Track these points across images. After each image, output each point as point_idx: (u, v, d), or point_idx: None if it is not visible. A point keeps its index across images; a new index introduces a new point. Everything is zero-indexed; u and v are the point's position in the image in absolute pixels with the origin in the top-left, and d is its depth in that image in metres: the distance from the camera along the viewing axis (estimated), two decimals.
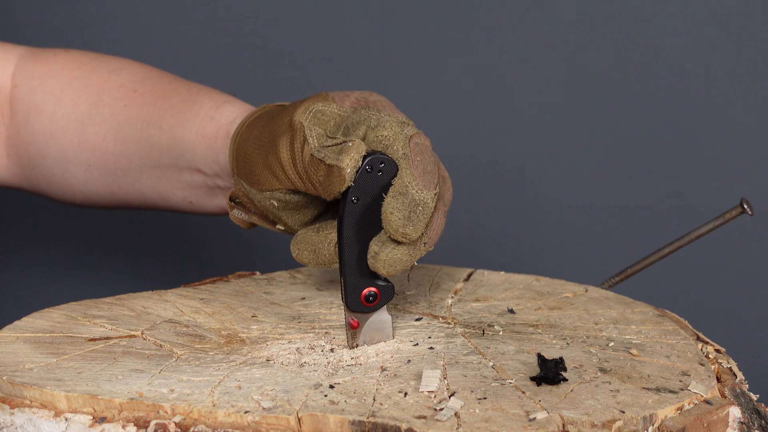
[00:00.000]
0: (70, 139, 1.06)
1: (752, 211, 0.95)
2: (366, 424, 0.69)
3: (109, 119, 1.05)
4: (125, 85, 1.06)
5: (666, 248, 0.98)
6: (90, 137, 1.05)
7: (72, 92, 1.07)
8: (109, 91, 1.06)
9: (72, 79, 1.08)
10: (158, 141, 1.01)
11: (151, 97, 1.04)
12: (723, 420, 0.74)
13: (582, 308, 0.92)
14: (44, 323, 0.86)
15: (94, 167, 1.06)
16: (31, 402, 0.73)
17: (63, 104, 1.07)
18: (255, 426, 0.70)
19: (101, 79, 1.07)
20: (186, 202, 1.04)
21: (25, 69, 1.10)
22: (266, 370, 0.78)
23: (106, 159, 1.05)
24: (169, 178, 1.02)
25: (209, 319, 0.89)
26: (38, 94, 1.08)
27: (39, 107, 1.08)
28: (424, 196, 0.81)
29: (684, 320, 0.90)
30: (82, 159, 1.06)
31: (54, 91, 1.08)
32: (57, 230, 1.61)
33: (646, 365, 0.79)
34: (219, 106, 0.99)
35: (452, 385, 0.75)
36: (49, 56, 1.10)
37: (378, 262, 0.81)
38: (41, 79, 1.08)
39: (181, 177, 1.01)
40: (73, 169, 1.07)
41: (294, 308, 0.92)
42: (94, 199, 1.09)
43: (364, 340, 0.83)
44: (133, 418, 0.71)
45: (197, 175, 1.00)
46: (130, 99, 1.05)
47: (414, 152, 0.82)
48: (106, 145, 1.05)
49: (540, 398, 0.73)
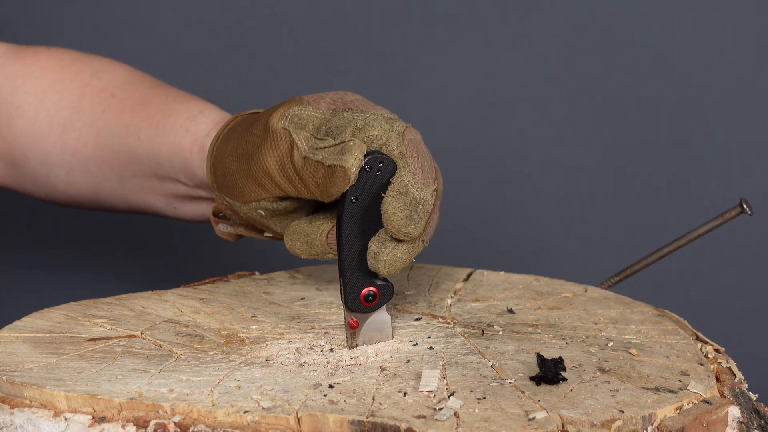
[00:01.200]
0: (53, 142, 1.06)
1: (752, 211, 0.95)
2: (365, 423, 0.69)
3: (89, 125, 1.04)
4: (105, 89, 1.05)
5: (666, 248, 0.98)
6: (71, 141, 1.05)
7: (54, 95, 1.07)
8: (90, 95, 1.05)
9: (54, 81, 1.07)
10: (136, 151, 1.00)
11: (129, 104, 1.03)
12: (722, 420, 0.74)
13: (581, 308, 0.92)
14: (44, 323, 0.86)
15: (76, 170, 1.05)
16: (31, 402, 0.73)
17: (45, 106, 1.06)
18: (254, 426, 0.70)
19: (82, 82, 1.06)
20: (170, 208, 1.03)
21: (6, 68, 1.09)
22: (266, 369, 0.78)
23: (88, 164, 1.05)
24: (152, 186, 1.02)
25: (209, 319, 0.89)
26: (20, 95, 1.07)
27: (21, 108, 1.07)
28: (424, 194, 0.80)
29: (683, 320, 0.90)
30: (64, 162, 1.06)
31: (36, 92, 1.07)
32: (57, 230, 1.61)
33: (645, 365, 0.79)
34: (194, 117, 0.97)
35: (452, 384, 0.75)
36: (30, 55, 1.09)
37: (378, 262, 0.81)
38: (23, 79, 1.08)
39: (162, 186, 1.01)
40: (56, 171, 1.06)
41: (293, 308, 0.92)
42: (78, 200, 1.08)
43: (364, 339, 0.83)
44: (133, 417, 0.71)
45: (178, 185, 0.99)
46: (108, 105, 1.04)
47: (410, 149, 0.81)
48: (87, 150, 1.04)
49: (539, 398, 0.73)
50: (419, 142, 0.82)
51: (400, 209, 0.80)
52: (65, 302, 0.90)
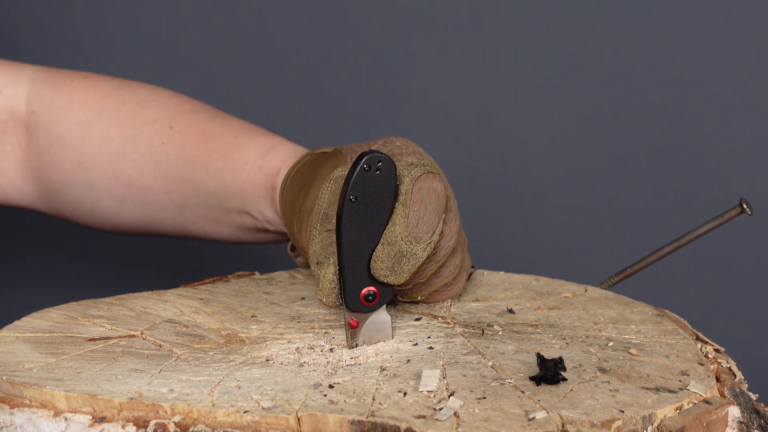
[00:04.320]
0: (102, 171, 1.04)
1: (752, 211, 0.95)
2: (365, 423, 0.69)
3: (147, 156, 1.02)
4: (159, 120, 1.03)
5: (665, 248, 0.98)
6: (126, 172, 1.03)
7: (101, 125, 1.05)
8: (143, 126, 1.04)
9: (99, 111, 1.05)
10: (204, 183, 0.99)
11: (191, 137, 1.02)
12: (722, 419, 0.74)
13: (581, 308, 0.92)
14: (44, 323, 0.86)
15: (130, 200, 1.04)
16: (31, 402, 0.73)
17: (92, 136, 1.04)
18: (254, 426, 0.70)
19: (131, 112, 1.04)
20: (234, 237, 1.02)
21: (42, 96, 1.06)
22: (266, 369, 0.78)
23: (144, 193, 1.03)
24: (215, 217, 1.01)
25: (209, 319, 0.89)
26: (62, 125, 1.05)
27: (64, 137, 1.05)
28: (413, 249, 0.81)
29: (683, 320, 0.90)
30: (116, 191, 1.04)
31: (80, 122, 1.05)
32: (57, 230, 1.61)
33: (645, 365, 0.79)
34: (266, 153, 0.98)
35: (451, 384, 0.75)
36: (67, 83, 1.07)
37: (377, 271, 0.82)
38: (64, 108, 1.05)
39: (228, 218, 1.00)
40: (106, 200, 1.05)
41: (293, 308, 0.92)
42: (125, 228, 1.07)
43: (364, 339, 0.83)
44: (133, 417, 0.71)
45: (246, 217, 0.99)
46: (167, 137, 1.02)
47: (414, 198, 0.81)
48: (144, 180, 1.02)
49: (539, 398, 0.73)
50: (430, 191, 0.81)
51: (384, 260, 0.81)
52: (65, 302, 0.90)
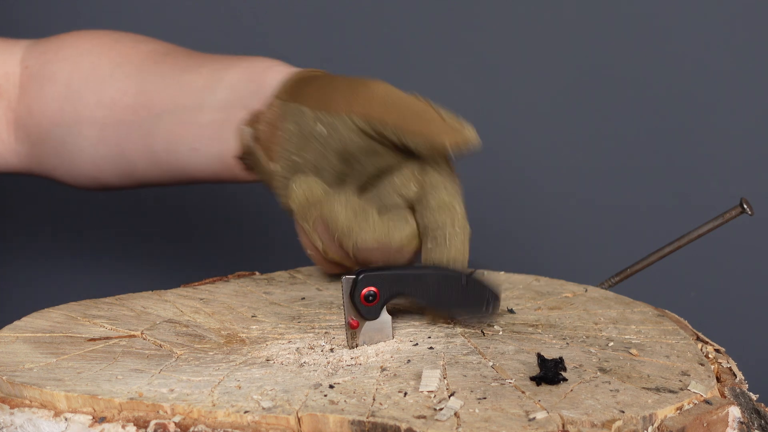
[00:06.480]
0: (87, 100, 1.04)
1: (752, 211, 0.95)
2: (366, 423, 0.69)
3: (135, 74, 1.03)
4: (155, 50, 1.04)
5: (666, 248, 0.98)
6: (110, 93, 1.03)
7: (91, 56, 1.05)
8: (136, 54, 1.04)
9: (92, 45, 1.06)
10: (190, 84, 0.99)
11: (187, 57, 1.03)
12: (723, 420, 0.74)
13: (582, 308, 0.92)
14: (44, 323, 0.86)
15: (109, 126, 1.03)
16: (31, 402, 0.73)
17: (81, 67, 1.05)
18: (255, 426, 0.70)
19: (126, 46, 1.05)
20: (192, 150, 1.00)
21: (36, 49, 1.08)
22: (266, 370, 0.78)
23: (124, 112, 1.03)
24: (184, 121, 0.99)
25: (209, 319, 0.89)
26: (53, 64, 1.06)
27: (53, 75, 1.05)
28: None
29: (684, 320, 0.90)
30: (97, 118, 1.04)
31: (71, 57, 1.05)
32: (57, 230, 1.61)
33: (645, 365, 0.79)
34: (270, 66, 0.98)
35: (452, 384, 0.75)
36: (61, 35, 1.08)
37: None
38: (56, 51, 1.06)
39: (198, 118, 0.98)
40: (86, 131, 1.04)
41: (294, 308, 0.92)
42: (100, 165, 1.06)
43: (364, 340, 0.83)
44: (133, 418, 0.71)
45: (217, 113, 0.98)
46: (162, 59, 1.03)
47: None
48: (126, 99, 1.02)
49: (540, 398, 0.73)
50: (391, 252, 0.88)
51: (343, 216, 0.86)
52: (65, 302, 0.90)
